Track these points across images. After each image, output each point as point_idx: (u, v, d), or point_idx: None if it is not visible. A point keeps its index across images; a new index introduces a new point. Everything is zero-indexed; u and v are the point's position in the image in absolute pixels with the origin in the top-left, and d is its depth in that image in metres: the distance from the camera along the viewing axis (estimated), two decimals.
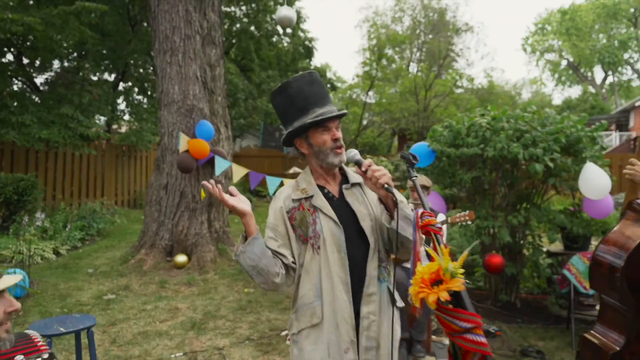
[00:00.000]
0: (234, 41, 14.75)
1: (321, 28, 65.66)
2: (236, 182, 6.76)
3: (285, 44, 16.20)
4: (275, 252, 1.59)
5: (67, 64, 11.06)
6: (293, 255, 1.61)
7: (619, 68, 32.34)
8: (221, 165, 5.89)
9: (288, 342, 3.73)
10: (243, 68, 15.63)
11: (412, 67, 21.76)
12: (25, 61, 9.96)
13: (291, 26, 6.54)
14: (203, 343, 3.80)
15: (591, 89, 32.68)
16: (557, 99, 38.81)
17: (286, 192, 1.68)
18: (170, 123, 6.12)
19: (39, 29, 7.70)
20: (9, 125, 8.01)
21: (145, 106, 12.95)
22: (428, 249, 1.23)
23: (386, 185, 1.46)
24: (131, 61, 11.95)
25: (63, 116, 8.67)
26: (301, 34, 16.09)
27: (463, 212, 3.54)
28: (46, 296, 4.89)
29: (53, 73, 10.61)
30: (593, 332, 2.32)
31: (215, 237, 6.40)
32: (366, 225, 1.60)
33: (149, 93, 12.95)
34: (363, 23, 25.68)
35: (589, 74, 34.41)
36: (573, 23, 31.34)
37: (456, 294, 1.11)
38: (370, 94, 20.16)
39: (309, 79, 1.62)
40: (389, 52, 20.89)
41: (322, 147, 1.60)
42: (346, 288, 1.55)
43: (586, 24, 30.90)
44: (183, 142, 5.81)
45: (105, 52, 11.24)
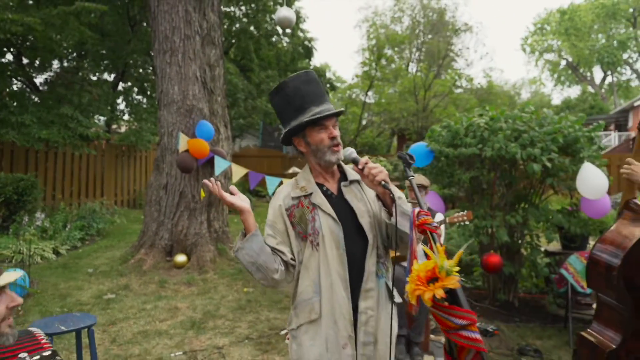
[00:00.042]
0: (234, 41, 14.75)
1: (321, 28, 65.67)
2: (236, 182, 6.77)
3: (284, 44, 16.20)
4: (274, 249, 1.61)
5: (67, 64, 11.05)
6: (292, 252, 1.63)
7: (618, 68, 32.37)
8: (221, 165, 5.91)
9: (287, 341, 3.74)
10: (242, 68, 15.62)
11: (412, 67, 21.78)
12: (24, 61, 9.95)
13: (290, 27, 6.55)
14: (202, 342, 3.81)
15: (590, 89, 32.69)
16: (557, 99, 38.91)
17: (285, 191, 1.70)
18: (169, 123, 6.14)
19: (39, 29, 7.70)
20: (9, 125, 8.00)
21: (144, 106, 12.95)
22: (425, 248, 1.25)
23: (383, 182, 1.47)
24: (131, 61, 11.95)
25: (63, 116, 8.67)
26: (300, 34, 16.09)
27: (461, 212, 3.56)
28: (46, 296, 4.90)
29: (53, 73, 10.60)
30: (590, 331, 2.34)
31: (214, 237, 6.42)
32: (365, 221, 1.61)
33: (149, 93, 12.95)
34: (362, 23, 25.70)
35: (588, 74, 34.44)
36: (572, 23, 31.37)
37: (451, 292, 1.13)
38: (369, 94, 20.19)
39: (305, 78, 1.63)
40: (388, 52, 20.90)
41: (320, 146, 1.61)
42: (344, 284, 1.57)
43: (585, 24, 30.93)
44: (183, 142, 5.83)
45: (104, 52, 11.24)
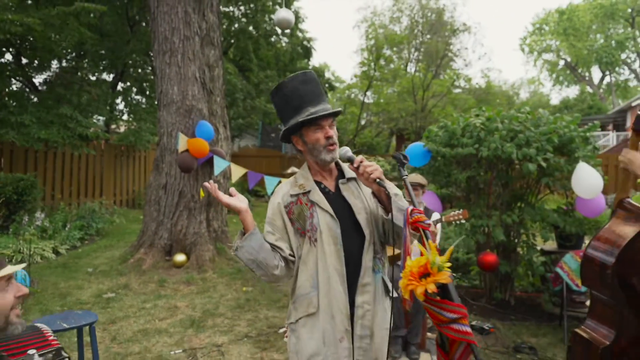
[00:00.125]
0: (233, 41, 14.77)
1: (320, 28, 65.73)
2: (235, 182, 6.81)
3: (283, 44, 16.22)
4: (273, 246, 1.66)
5: (66, 64, 11.05)
6: (291, 248, 1.68)
7: (617, 68, 32.49)
8: (220, 165, 5.94)
9: (285, 339, 3.78)
10: (241, 68, 15.65)
11: (410, 67, 21.81)
12: (24, 61, 9.96)
13: (289, 28, 6.60)
14: (202, 340, 3.85)
15: (589, 89, 32.79)
16: (555, 99, 38.95)
17: (284, 189, 1.75)
18: (169, 123, 6.17)
19: (38, 30, 7.71)
20: (8, 125, 8.02)
21: (143, 106, 12.97)
22: (418, 245, 1.29)
23: (378, 179, 1.51)
24: (130, 61, 11.98)
25: (62, 116, 8.69)
26: (299, 34, 16.11)
27: (457, 211, 3.59)
28: (46, 295, 4.93)
29: (52, 73, 10.61)
30: (584, 328, 2.37)
31: (213, 237, 6.45)
32: (361, 218, 1.66)
33: (148, 93, 12.97)
34: (361, 23, 25.62)
35: (587, 74, 34.55)
36: (571, 23, 31.47)
37: (443, 287, 1.17)
38: (368, 94, 20.22)
39: (303, 79, 1.68)
40: (387, 52, 20.93)
41: (316, 145, 1.66)
42: (342, 279, 1.61)
43: (584, 24, 31.02)
44: (182, 142, 5.87)
45: (103, 52, 11.26)
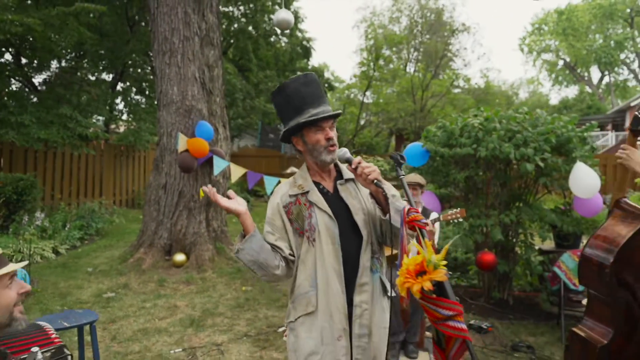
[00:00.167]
0: (232, 41, 14.78)
1: (319, 28, 65.69)
2: (234, 182, 6.82)
3: (283, 44, 16.23)
4: (273, 246, 1.69)
5: (66, 64, 11.07)
6: (291, 247, 1.71)
7: (616, 68, 32.54)
8: (219, 165, 5.96)
9: (285, 338, 3.80)
10: (241, 68, 15.65)
11: (409, 67, 21.84)
12: (23, 61, 9.98)
13: (289, 29, 6.61)
14: (202, 339, 3.87)
15: (588, 89, 32.85)
16: (554, 99, 39.01)
17: (284, 189, 1.78)
18: (169, 123, 6.19)
19: (38, 30, 7.72)
20: (8, 125, 8.03)
21: (143, 106, 12.98)
22: (415, 244, 1.31)
23: (376, 180, 1.54)
24: (129, 61, 11.99)
25: (62, 116, 8.71)
26: (299, 34, 16.12)
27: (454, 210, 3.61)
28: (46, 294, 4.95)
29: (51, 73, 10.62)
30: (581, 327, 2.39)
31: (213, 236, 6.47)
32: (359, 218, 1.68)
33: (147, 93, 12.99)
34: (361, 23, 25.67)
35: (586, 74, 34.59)
36: (570, 23, 31.50)
37: (439, 284, 1.20)
38: (367, 94, 20.24)
39: (305, 80, 1.70)
40: (387, 53, 20.95)
41: (316, 146, 1.68)
42: (339, 278, 1.64)
43: (583, 24, 31.05)
44: (182, 142, 5.88)
45: (103, 53, 11.27)
